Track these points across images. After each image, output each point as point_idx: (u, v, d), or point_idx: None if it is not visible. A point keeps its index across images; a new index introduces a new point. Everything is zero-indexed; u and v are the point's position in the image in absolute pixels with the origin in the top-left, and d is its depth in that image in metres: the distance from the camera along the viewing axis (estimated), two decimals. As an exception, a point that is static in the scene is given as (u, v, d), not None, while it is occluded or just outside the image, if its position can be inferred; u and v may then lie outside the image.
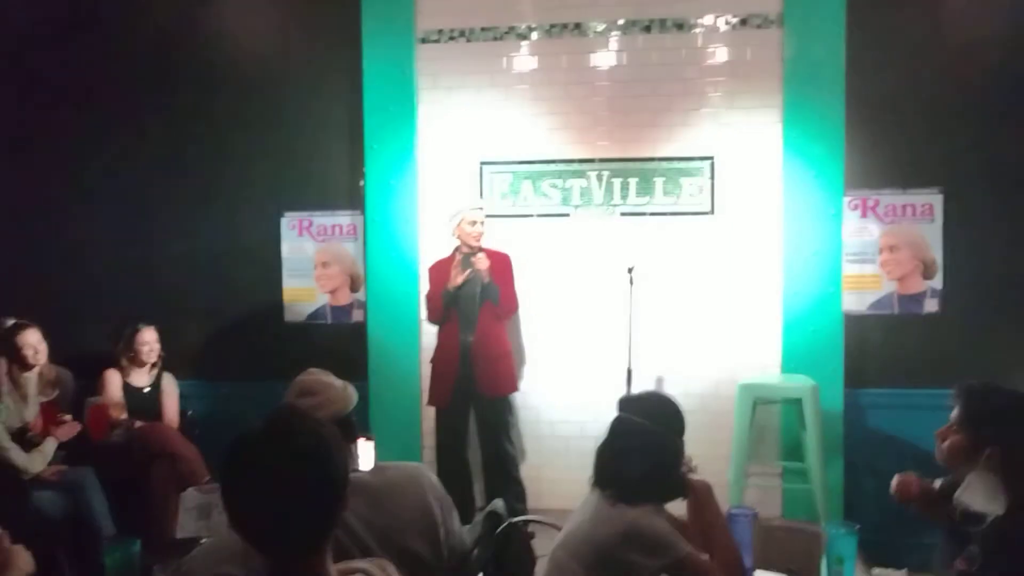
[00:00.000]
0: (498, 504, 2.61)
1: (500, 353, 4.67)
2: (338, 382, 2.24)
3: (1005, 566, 2.13)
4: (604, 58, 4.92)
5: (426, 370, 5.02)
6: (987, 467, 2.29)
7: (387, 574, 1.51)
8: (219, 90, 5.25)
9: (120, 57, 5.33)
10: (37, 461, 4.20)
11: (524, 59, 4.98)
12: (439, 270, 4.72)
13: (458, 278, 4.57)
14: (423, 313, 5.02)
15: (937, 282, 4.70)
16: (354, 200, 5.14)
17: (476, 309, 4.60)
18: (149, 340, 4.83)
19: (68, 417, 4.41)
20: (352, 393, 2.24)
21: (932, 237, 4.71)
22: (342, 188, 5.17)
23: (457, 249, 4.68)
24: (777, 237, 4.77)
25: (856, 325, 4.72)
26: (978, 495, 2.25)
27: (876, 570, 2.53)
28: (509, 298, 4.69)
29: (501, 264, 4.67)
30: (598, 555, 2.36)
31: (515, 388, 4.81)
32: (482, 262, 4.56)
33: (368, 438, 2.41)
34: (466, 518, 2.56)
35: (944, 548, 2.33)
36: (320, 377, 2.24)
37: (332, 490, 1.43)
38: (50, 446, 4.27)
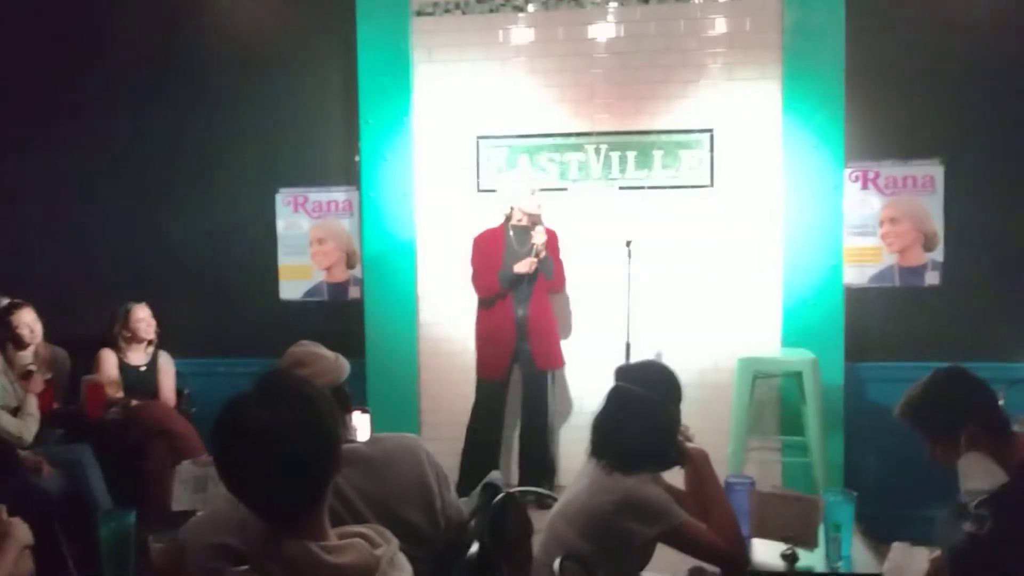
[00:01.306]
0: (495, 475, 2.61)
1: (552, 327, 4.76)
2: (330, 353, 2.25)
3: (1013, 526, 2.15)
4: (602, 30, 4.88)
5: (424, 346, 5.05)
6: (969, 449, 2.31)
7: (385, 539, 1.52)
8: (213, 67, 5.24)
9: (113, 36, 5.30)
10: (30, 425, 4.19)
11: (521, 31, 4.95)
12: (486, 242, 4.74)
13: (529, 265, 4.61)
14: (421, 288, 5.03)
15: (938, 254, 4.71)
16: (349, 176, 5.13)
17: (532, 284, 4.66)
18: (144, 317, 4.83)
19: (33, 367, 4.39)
20: (344, 364, 2.25)
21: (933, 209, 4.70)
22: (337, 164, 5.17)
23: (508, 221, 4.70)
24: (777, 210, 4.76)
25: (857, 298, 4.72)
26: (977, 477, 2.27)
27: (896, 544, 2.54)
28: (560, 273, 4.75)
29: (552, 239, 4.71)
30: (595, 523, 2.38)
31: (563, 362, 4.85)
32: (541, 235, 4.60)
33: (364, 410, 2.43)
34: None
35: (948, 517, 2.35)
36: (311, 348, 2.25)
37: (324, 449, 1.45)
38: (31, 403, 4.25)
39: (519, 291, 4.67)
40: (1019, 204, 4.63)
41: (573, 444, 4.86)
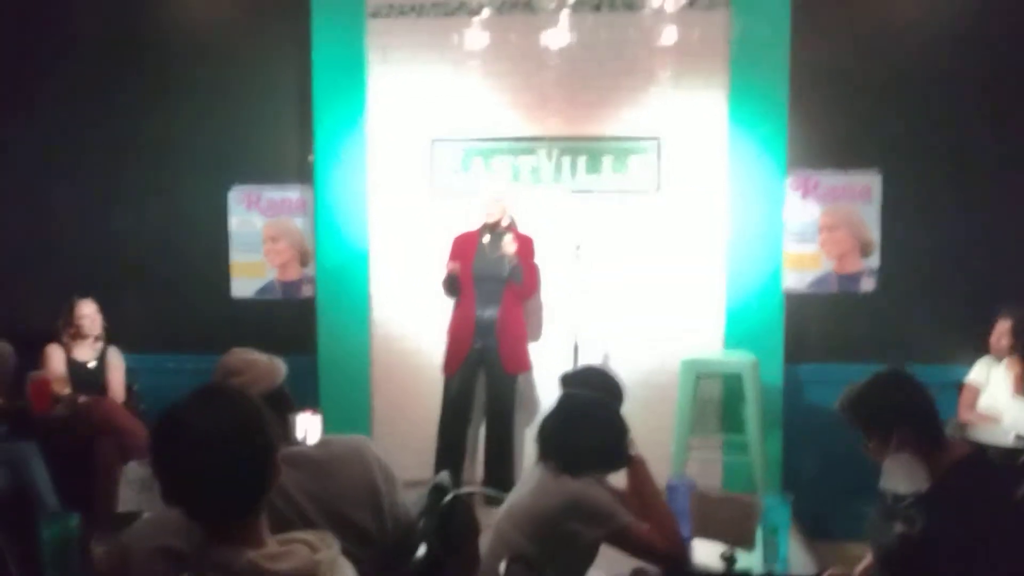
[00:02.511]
0: (443, 476, 2.62)
1: (521, 331, 4.76)
2: (263, 357, 2.23)
3: (944, 525, 2.21)
4: (554, 36, 4.88)
5: (377, 344, 5.02)
6: (898, 450, 2.36)
7: (327, 544, 1.51)
8: (167, 60, 5.13)
9: (62, 27, 5.17)
10: None
11: (475, 36, 4.93)
12: (460, 242, 4.76)
13: (451, 268, 4.66)
14: (374, 288, 5.00)
15: (874, 261, 4.81)
16: (303, 175, 5.07)
17: (501, 288, 4.65)
18: (88, 313, 4.73)
19: None
20: (279, 367, 2.24)
21: (870, 217, 4.80)
22: (291, 162, 5.10)
23: (485, 226, 4.71)
24: (721, 216, 4.81)
25: (796, 302, 4.81)
26: (898, 477, 2.32)
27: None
28: (532, 278, 4.74)
29: (526, 247, 4.70)
30: (541, 526, 2.39)
31: (530, 366, 4.86)
32: (510, 246, 4.60)
33: (315, 412, 2.41)
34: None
35: (878, 516, 2.40)
36: (243, 355, 2.23)
37: (260, 457, 1.47)
38: None
39: (485, 294, 4.67)
40: (952, 214, 4.74)
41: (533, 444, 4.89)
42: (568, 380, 2.68)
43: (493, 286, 4.67)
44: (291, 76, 5.03)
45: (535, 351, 4.94)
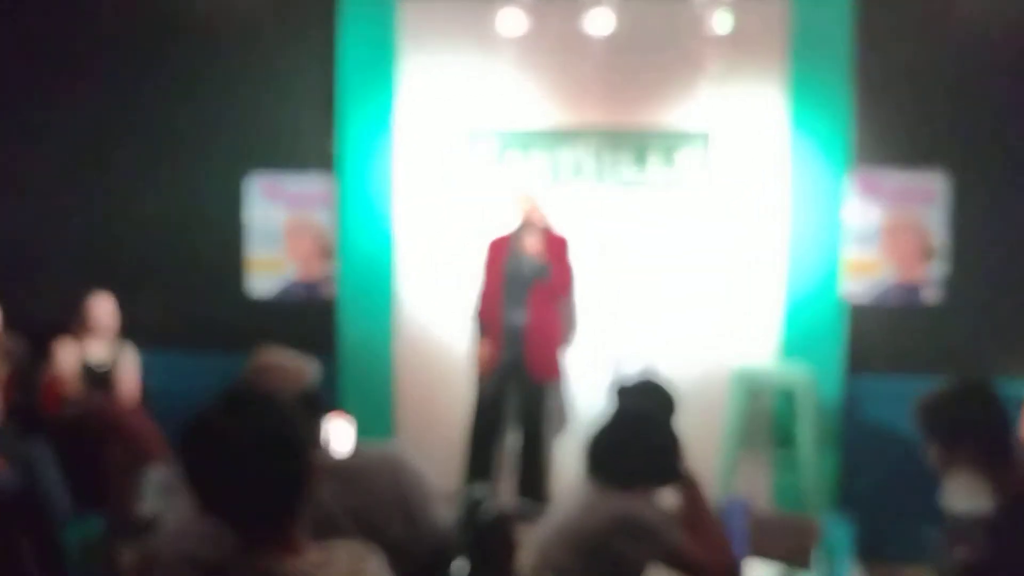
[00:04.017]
0: (479, 489, 2.63)
1: (552, 336, 4.72)
2: (293, 361, 2.26)
3: (1010, 552, 2.18)
4: (599, 23, 4.86)
5: (402, 346, 5.02)
6: (963, 467, 2.33)
7: (368, 554, 1.53)
8: (189, 43, 5.14)
9: (75, 6, 5.22)
10: None
11: (514, 22, 4.91)
12: (495, 249, 4.74)
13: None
14: (400, 286, 5.00)
15: (941, 267, 4.75)
16: (327, 167, 5.06)
17: (530, 291, 4.63)
18: (104, 309, 4.75)
19: None
20: (310, 369, 2.27)
21: (935, 220, 4.75)
22: (314, 153, 5.09)
23: (517, 226, 4.70)
24: (775, 215, 4.78)
25: (855, 310, 4.76)
26: (960, 496, 2.30)
27: None
28: (563, 276, 4.70)
29: (558, 247, 4.68)
30: (587, 543, 2.39)
31: (560, 374, 4.80)
32: (534, 246, 4.57)
33: (346, 418, 2.43)
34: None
35: (940, 538, 2.38)
36: (274, 357, 2.26)
37: (296, 463, 1.50)
38: None
39: (517, 297, 4.65)
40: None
41: (569, 456, 4.89)
42: (624, 393, 2.69)
43: (522, 289, 4.65)
44: (316, 61, 5.02)
45: (571, 357, 4.92)
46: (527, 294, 4.65)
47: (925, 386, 2.52)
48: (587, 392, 4.80)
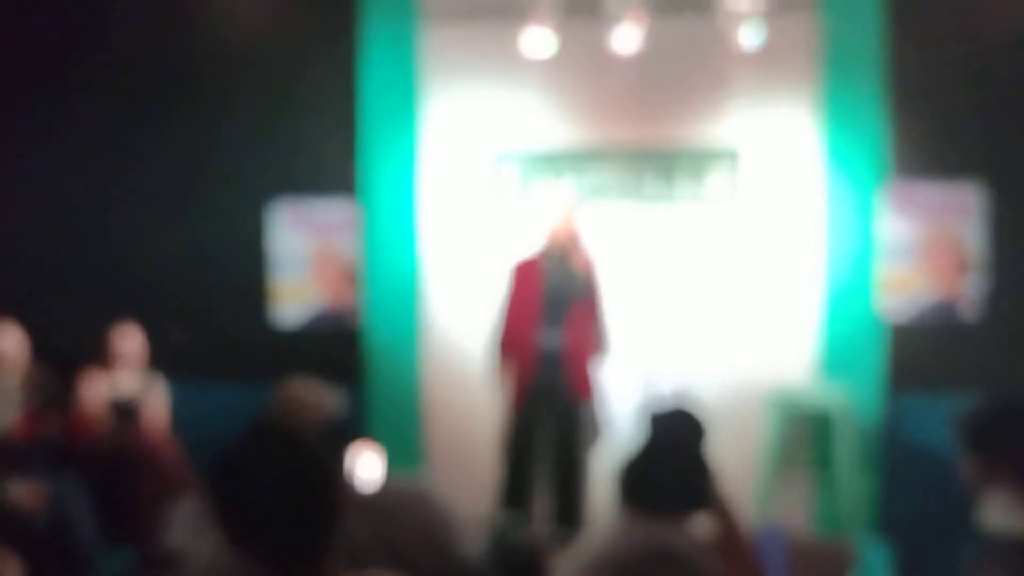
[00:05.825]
0: (509, 519, 2.66)
1: (589, 354, 4.68)
2: (318, 394, 2.31)
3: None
4: (626, 41, 4.88)
5: (430, 374, 5.05)
6: (1002, 485, 2.33)
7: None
8: (211, 68, 5.23)
9: (97, 29, 5.30)
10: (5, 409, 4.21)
11: (540, 42, 4.94)
12: (523, 272, 4.71)
13: None
14: (427, 313, 5.04)
15: (981, 282, 4.72)
16: (351, 193, 5.12)
17: (564, 309, 4.61)
18: (131, 340, 4.82)
19: None
20: (337, 401, 2.31)
21: (974, 234, 4.72)
22: (337, 178, 5.13)
23: (548, 245, 4.67)
24: (809, 231, 4.79)
25: (894, 328, 4.74)
26: (996, 513, 2.30)
27: None
28: (599, 292, 4.69)
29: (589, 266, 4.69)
30: (621, 573, 2.41)
31: (595, 393, 4.76)
32: (581, 263, 4.56)
33: (376, 450, 2.48)
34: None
35: (977, 562, 2.37)
36: (301, 388, 2.31)
37: (325, 498, 1.53)
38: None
39: (553, 318, 4.61)
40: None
41: (602, 479, 4.88)
42: (655, 420, 2.73)
43: (560, 309, 4.66)
44: (338, 86, 5.06)
45: (604, 374, 4.93)
46: (565, 314, 4.65)
47: (963, 405, 2.52)
48: (619, 410, 4.80)
